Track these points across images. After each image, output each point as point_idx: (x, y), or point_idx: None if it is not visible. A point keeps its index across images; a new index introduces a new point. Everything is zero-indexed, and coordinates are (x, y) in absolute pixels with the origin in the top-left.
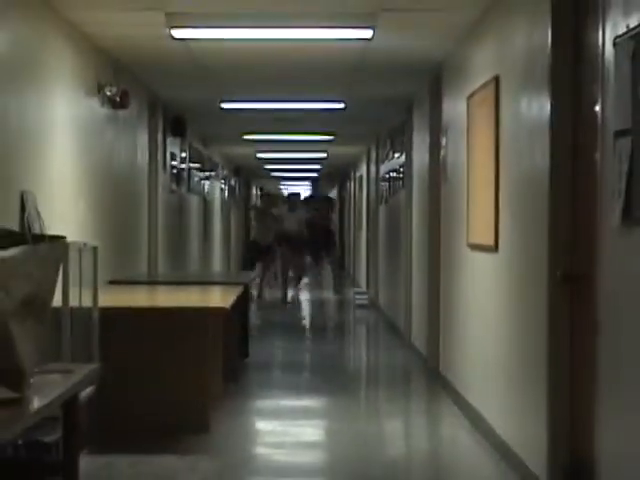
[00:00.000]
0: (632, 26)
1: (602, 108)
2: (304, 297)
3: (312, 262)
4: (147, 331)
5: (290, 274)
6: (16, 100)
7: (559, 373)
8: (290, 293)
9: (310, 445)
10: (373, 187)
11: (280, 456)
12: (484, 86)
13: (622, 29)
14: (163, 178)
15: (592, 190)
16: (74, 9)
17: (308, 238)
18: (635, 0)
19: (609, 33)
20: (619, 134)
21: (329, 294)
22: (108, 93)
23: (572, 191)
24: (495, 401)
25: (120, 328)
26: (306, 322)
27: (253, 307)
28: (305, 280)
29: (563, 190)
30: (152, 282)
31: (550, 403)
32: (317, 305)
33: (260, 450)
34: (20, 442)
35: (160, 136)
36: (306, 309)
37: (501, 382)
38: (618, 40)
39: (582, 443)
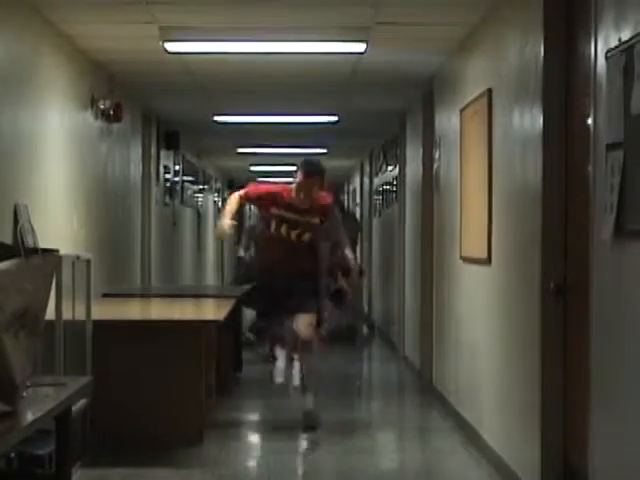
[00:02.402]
0: (624, 39)
1: (594, 121)
2: None
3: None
4: (140, 344)
5: None
6: (10, 113)
7: (552, 385)
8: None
9: (302, 458)
10: (366, 200)
11: (272, 468)
12: (477, 99)
13: (614, 42)
14: (156, 191)
15: (584, 203)
16: (69, 22)
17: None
18: (627, 14)
19: (601, 46)
20: (611, 147)
21: None
22: (102, 106)
23: (564, 204)
24: (488, 413)
25: (114, 341)
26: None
27: None
28: None
29: (556, 203)
30: (145, 295)
31: (543, 415)
32: None
33: (253, 462)
34: (13, 455)
35: (154, 149)
36: None
37: (494, 394)
38: (610, 54)
39: (575, 455)
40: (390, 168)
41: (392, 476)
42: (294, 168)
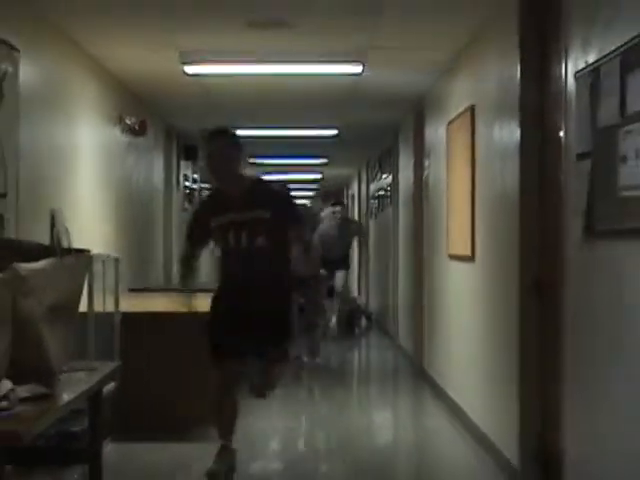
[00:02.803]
0: (590, 62)
1: (565, 133)
2: None
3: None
4: (163, 332)
5: None
6: (47, 128)
7: (529, 370)
8: None
9: (305, 428)
10: (364, 204)
11: (282, 442)
12: (461, 114)
13: (582, 64)
14: (177, 197)
15: (558, 207)
16: (98, 46)
17: None
18: (592, 40)
19: (571, 68)
20: (580, 157)
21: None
22: (128, 122)
23: (540, 208)
24: (472, 394)
25: (139, 330)
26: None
27: None
28: None
29: (532, 207)
30: (167, 289)
31: (521, 396)
32: None
33: (265, 436)
34: (52, 432)
35: (174, 160)
36: None
37: (478, 377)
38: (578, 74)
39: (551, 431)
40: (385, 176)
41: (386, 450)
42: (298, 177)
